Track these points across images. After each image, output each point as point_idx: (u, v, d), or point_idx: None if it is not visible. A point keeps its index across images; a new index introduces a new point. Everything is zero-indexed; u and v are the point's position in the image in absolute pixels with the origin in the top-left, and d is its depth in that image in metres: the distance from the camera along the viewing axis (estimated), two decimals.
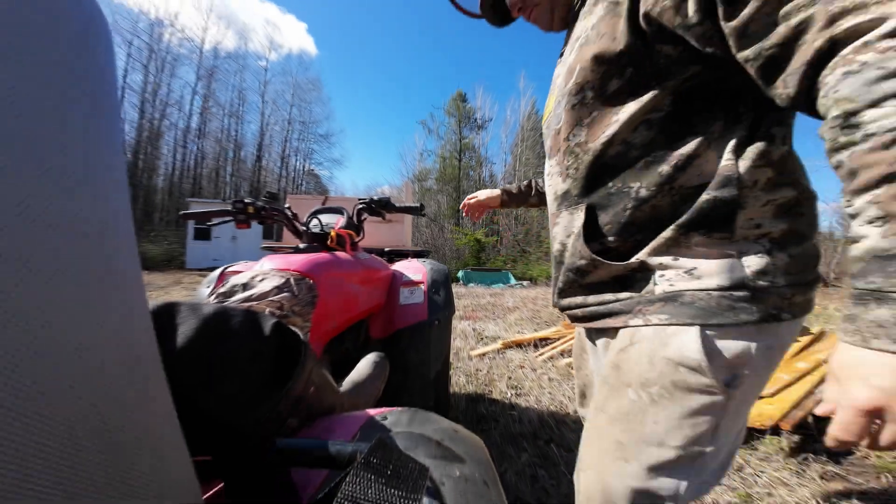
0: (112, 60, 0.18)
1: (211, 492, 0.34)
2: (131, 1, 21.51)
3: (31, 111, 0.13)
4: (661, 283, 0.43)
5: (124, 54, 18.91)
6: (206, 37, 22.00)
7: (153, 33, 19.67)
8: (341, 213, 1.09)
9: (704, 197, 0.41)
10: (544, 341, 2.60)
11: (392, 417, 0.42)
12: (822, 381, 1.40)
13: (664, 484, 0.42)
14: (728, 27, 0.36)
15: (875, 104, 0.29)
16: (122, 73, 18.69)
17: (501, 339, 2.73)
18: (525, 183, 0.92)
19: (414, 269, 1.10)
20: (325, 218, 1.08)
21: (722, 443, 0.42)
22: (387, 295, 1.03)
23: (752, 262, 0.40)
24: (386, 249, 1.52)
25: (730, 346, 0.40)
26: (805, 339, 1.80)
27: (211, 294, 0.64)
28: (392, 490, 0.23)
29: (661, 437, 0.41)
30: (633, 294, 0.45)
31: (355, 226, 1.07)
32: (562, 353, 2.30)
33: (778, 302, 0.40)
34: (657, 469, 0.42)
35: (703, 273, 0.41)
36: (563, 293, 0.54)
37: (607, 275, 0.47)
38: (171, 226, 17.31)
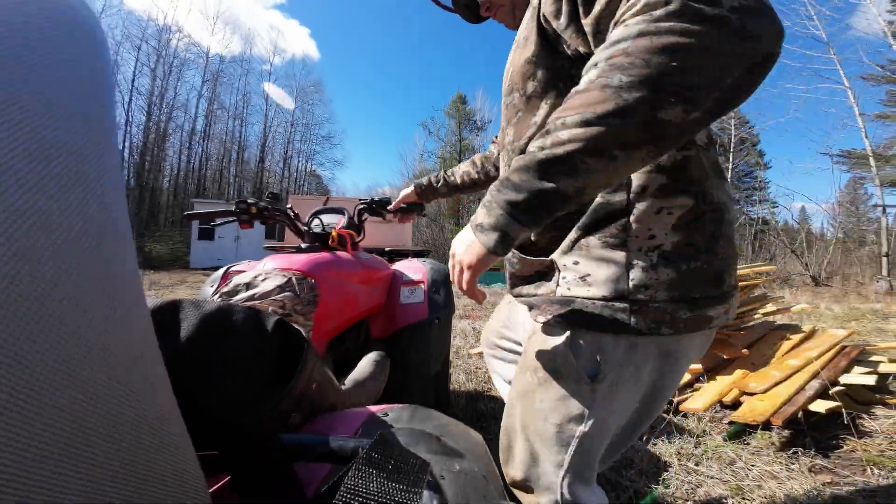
0: (105, 62, 0.18)
1: (217, 485, 0.34)
2: (140, 7, 21.73)
3: (21, 115, 0.13)
4: (562, 286, 0.45)
5: (133, 59, 19.13)
6: (213, 42, 22.16)
7: (161, 39, 19.84)
8: (342, 214, 1.10)
9: (598, 200, 0.43)
10: None
11: (393, 414, 0.42)
12: (812, 377, 1.39)
13: (551, 452, 0.48)
14: (586, 25, 0.38)
15: (588, 70, 0.33)
16: (131, 77, 18.92)
17: None
18: (435, 175, 0.98)
19: (414, 269, 1.11)
20: (327, 218, 1.09)
21: (597, 426, 0.46)
22: (387, 294, 1.04)
23: (636, 275, 0.41)
24: (386, 249, 1.53)
25: (595, 348, 0.44)
26: (796, 338, 1.79)
27: (215, 293, 0.65)
28: (393, 484, 0.23)
29: (546, 414, 0.48)
30: (544, 291, 0.48)
31: (356, 226, 1.08)
32: None
33: (658, 317, 0.41)
34: (545, 439, 0.48)
35: (594, 281, 0.43)
36: (509, 281, 0.57)
37: (530, 269, 0.49)
38: (176, 226, 17.43)
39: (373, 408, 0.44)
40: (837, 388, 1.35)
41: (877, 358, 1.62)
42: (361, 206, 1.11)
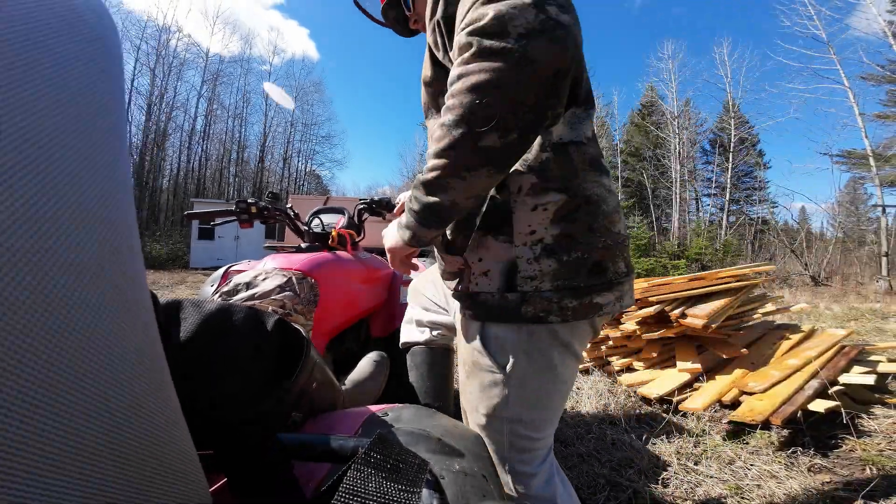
0: (118, 63, 0.18)
1: (214, 486, 0.34)
2: (140, 7, 21.72)
3: (34, 113, 0.13)
4: (472, 282, 0.50)
5: (132, 59, 19.16)
6: (212, 42, 22.15)
7: (161, 39, 19.81)
8: (342, 213, 1.10)
9: (490, 203, 0.48)
10: None
11: (393, 414, 0.42)
12: (811, 377, 1.40)
13: (491, 442, 0.52)
14: (452, 57, 0.41)
15: None
16: (131, 77, 18.92)
17: None
18: None
19: None
20: (327, 218, 1.09)
21: (520, 413, 0.50)
22: (387, 294, 1.04)
23: (523, 267, 0.46)
24: None
25: (501, 338, 0.48)
26: (796, 337, 1.79)
27: (215, 292, 0.65)
28: (392, 484, 0.23)
29: (475, 404, 0.52)
30: (462, 288, 0.52)
31: (356, 226, 1.08)
32: None
33: (544, 306, 0.45)
34: (482, 429, 0.52)
35: (492, 276, 0.47)
36: (441, 277, 0.60)
37: (451, 268, 0.53)
38: (176, 226, 17.43)
39: (373, 407, 0.44)
40: (836, 388, 1.35)
41: (876, 358, 1.62)
42: (361, 206, 1.11)
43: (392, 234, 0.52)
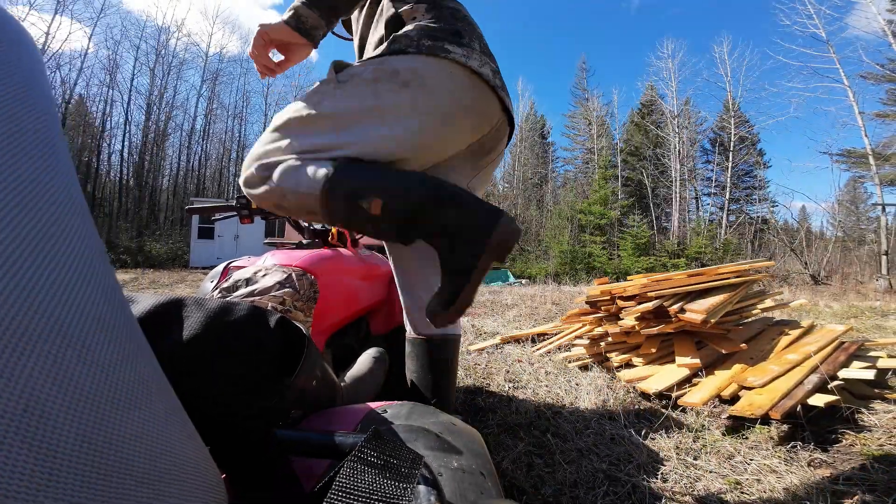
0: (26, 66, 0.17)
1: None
2: (139, 7, 21.63)
3: None
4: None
5: (132, 59, 19.17)
6: (212, 42, 22.06)
7: (160, 38, 19.76)
8: None
9: (391, 12, 0.70)
10: (542, 336, 2.59)
11: (392, 410, 0.42)
12: (811, 372, 1.40)
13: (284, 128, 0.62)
14: None
15: None
16: (130, 76, 18.94)
17: (500, 334, 2.73)
18: None
19: None
20: None
21: (338, 115, 0.61)
22: (387, 291, 1.04)
23: (406, 32, 0.65)
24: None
25: (358, 68, 0.63)
26: (795, 333, 1.79)
27: (214, 288, 0.65)
28: (385, 480, 0.23)
29: (295, 107, 0.63)
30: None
31: None
32: (559, 348, 2.30)
33: (407, 42, 0.62)
34: (281, 123, 0.63)
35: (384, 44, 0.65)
36: None
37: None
38: (176, 225, 17.44)
39: (372, 404, 0.44)
40: (836, 383, 1.35)
41: (875, 353, 1.63)
42: None
43: (271, 18, 0.67)
